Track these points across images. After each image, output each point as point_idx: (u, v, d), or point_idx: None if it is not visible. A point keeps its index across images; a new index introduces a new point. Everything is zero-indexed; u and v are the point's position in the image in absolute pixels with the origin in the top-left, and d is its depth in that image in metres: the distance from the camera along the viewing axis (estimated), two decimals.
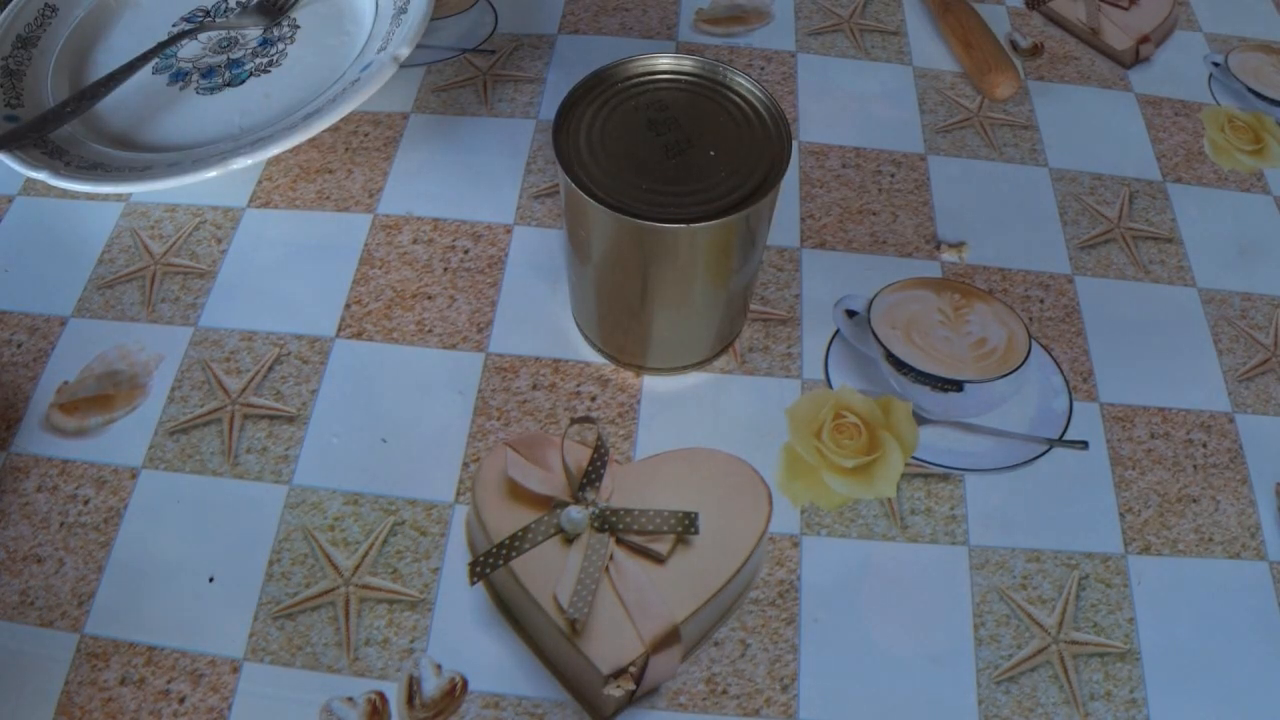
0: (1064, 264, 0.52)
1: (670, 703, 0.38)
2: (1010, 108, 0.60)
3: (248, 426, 0.44)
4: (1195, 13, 0.67)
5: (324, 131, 0.49)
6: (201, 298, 0.49)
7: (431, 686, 0.38)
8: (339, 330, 0.48)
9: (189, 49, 0.58)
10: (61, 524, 0.42)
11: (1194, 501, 0.44)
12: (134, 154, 0.53)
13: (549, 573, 0.39)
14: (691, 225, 0.36)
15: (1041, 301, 0.50)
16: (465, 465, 0.43)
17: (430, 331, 0.48)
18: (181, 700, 0.38)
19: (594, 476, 0.42)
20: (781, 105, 0.40)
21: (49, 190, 0.53)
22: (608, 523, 0.40)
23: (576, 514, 0.40)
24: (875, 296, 0.49)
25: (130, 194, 0.53)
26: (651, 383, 0.46)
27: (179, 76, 0.57)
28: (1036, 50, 0.63)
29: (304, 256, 0.50)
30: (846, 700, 0.38)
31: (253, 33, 0.59)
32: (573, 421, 0.45)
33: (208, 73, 0.57)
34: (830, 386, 0.47)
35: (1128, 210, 0.55)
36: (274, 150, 0.48)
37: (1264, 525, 0.43)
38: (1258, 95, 0.61)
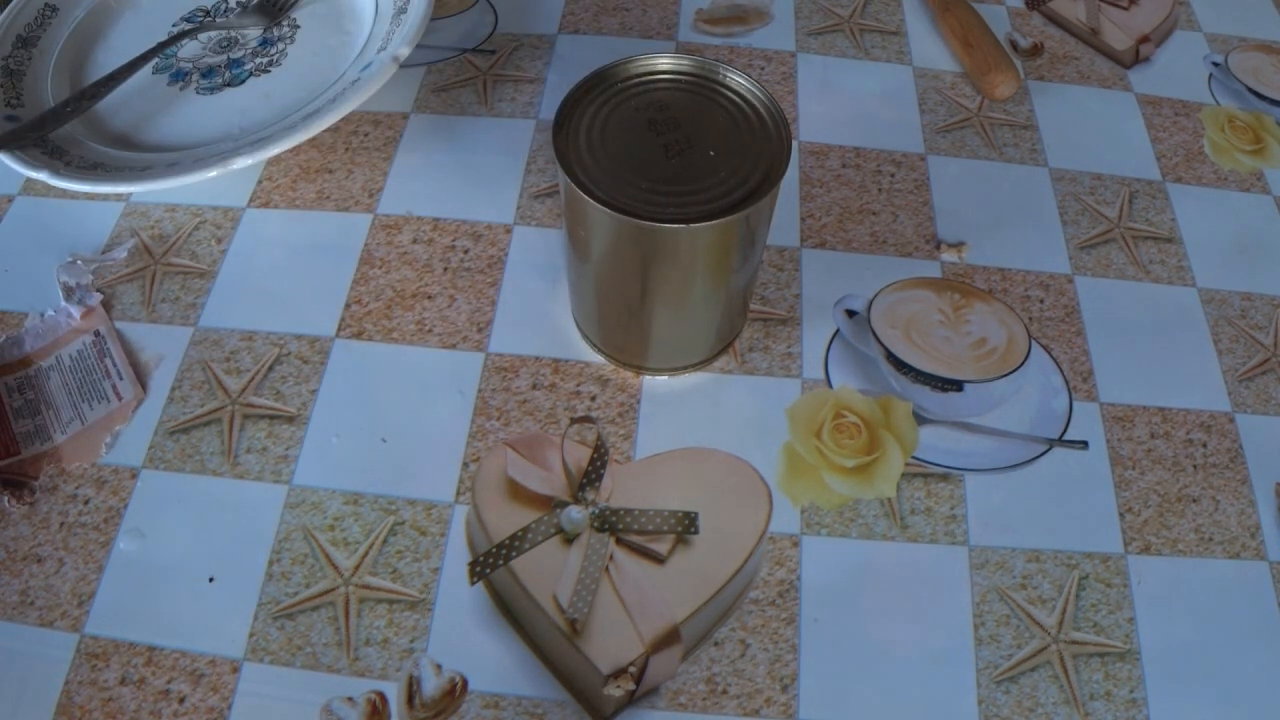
0: (1064, 264, 0.52)
1: (670, 703, 0.38)
2: (1010, 108, 0.60)
3: (248, 426, 0.44)
4: (1195, 13, 0.67)
5: (324, 131, 0.49)
6: (201, 298, 0.49)
7: (431, 686, 0.38)
8: (339, 330, 0.48)
9: (189, 49, 0.58)
10: (61, 524, 0.42)
11: (1194, 501, 0.44)
12: (134, 154, 0.53)
13: (549, 573, 0.39)
14: (691, 225, 0.36)
15: (1041, 301, 0.50)
16: (465, 465, 0.43)
17: (430, 331, 0.48)
18: (181, 700, 0.38)
19: (594, 476, 0.42)
20: (781, 105, 0.40)
21: (49, 190, 0.53)
22: (608, 523, 0.40)
23: (576, 514, 0.40)
24: (875, 296, 0.49)
25: (130, 194, 0.53)
26: (651, 383, 0.46)
27: (179, 76, 0.57)
28: (1036, 50, 0.63)
29: (304, 256, 0.50)
30: (846, 700, 0.38)
31: (253, 33, 0.59)
32: (573, 421, 0.45)
33: (208, 73, 0.57)
34: (830, 386, 0.47)
35: (1128, 210, 0.55)
36: (274, 150, 0.48)
37: (1264, 525, 0.43)
38: (1258, 95, 0.61)
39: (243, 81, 0.56)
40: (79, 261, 0.49)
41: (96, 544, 0.41)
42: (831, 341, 0.48)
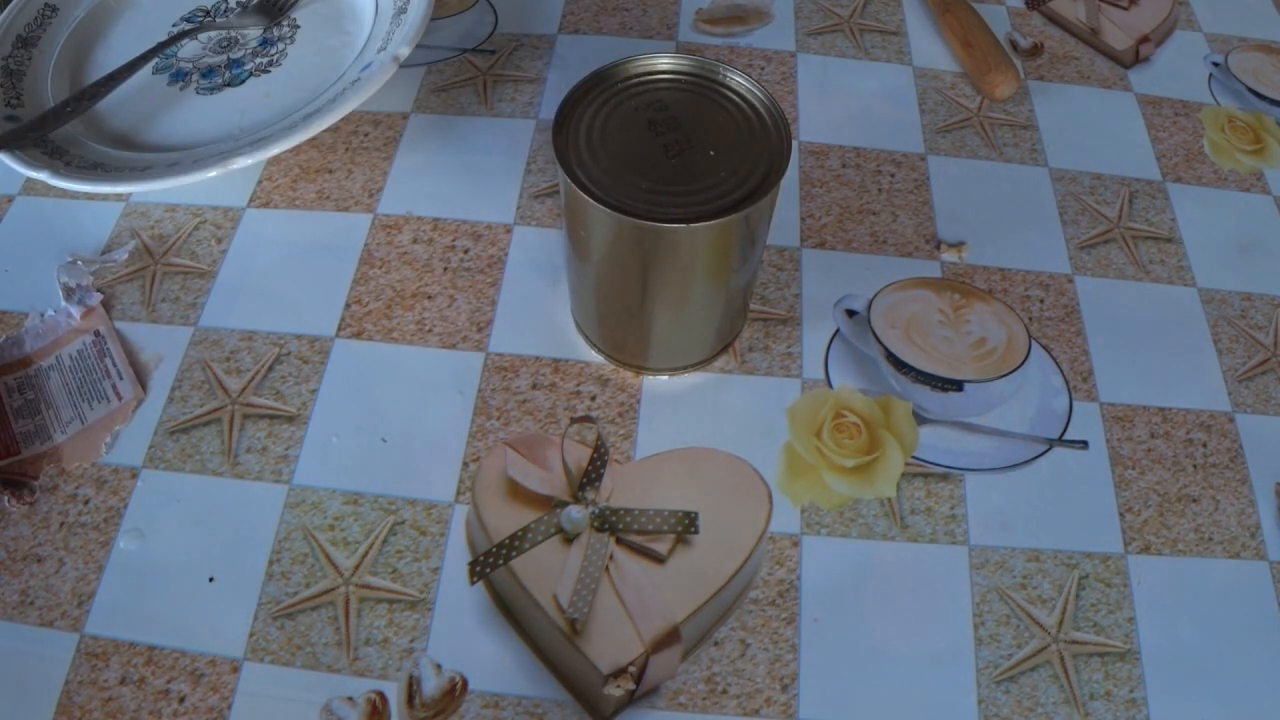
0: (1064, 264, 0.52)
1: (670, 703, 0.38)
2: (1010, 108, 0.60)
3: (248, 426, 0.44)
4: (1195, 13, 0.67)
5: (324, 131, 0.49)
6: (201, 298, 0.49)
7: (431, 686, 0.38)
8: (339, 330, 0.48)
9: (189, 49, 0.58)
10: (61, 524, 0.42)
11: (1194, 501, 0.44)
12: (134, 154, 0.53)
13: (549, 573, 0.39)
14: (691, 225, 0.36)
15: (1041, 301, 0.50)
16: (465, 465, 0.43)
17: (430, 331, 0.48)
18: (181, 700, 0.38)
19: (594, 476, 0.42)
20: (781, 105, 0.40)
21: (49, 190, 0.53)
22: (608, 522, 0.40)
23: (576, 514, 0.40)
24: (875, 296, 0.49)
25: (130, 194, 0.53)
26: (651, 383, 0.46)
27: (179, 76, 0.57)
28: (1036, 50, 0.63)
29: (304, 256, 0.50)
30: (846, 700, 0.38)
31: (253, 33, 0.59)
32: (573, 421, 0.45)
33: (208, 73, 0.57)
34: (830, 386, 0.47)
35: (1128, 210, 0.55)
36: (274, 150, 0.48)
37: (1264, 525, 0.43)
38: (1258, 95, 0.61)
39: (243, 81, 0.56)
40: (79, 261, 0.49)
41: (96, 544, 0.41)
42: (831, 341, 0.48)
